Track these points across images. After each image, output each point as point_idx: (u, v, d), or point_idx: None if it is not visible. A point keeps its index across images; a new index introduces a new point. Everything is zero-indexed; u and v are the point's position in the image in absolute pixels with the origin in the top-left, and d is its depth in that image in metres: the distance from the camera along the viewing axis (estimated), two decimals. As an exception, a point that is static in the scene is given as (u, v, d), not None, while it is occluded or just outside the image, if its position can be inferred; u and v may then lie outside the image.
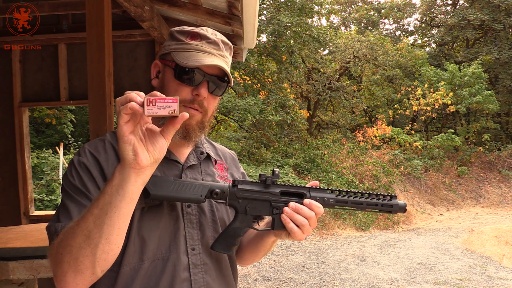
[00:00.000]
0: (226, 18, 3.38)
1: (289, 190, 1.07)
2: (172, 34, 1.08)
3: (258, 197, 1.05)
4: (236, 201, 1.04)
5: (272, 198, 1.05)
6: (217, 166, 1.20)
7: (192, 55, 1.03)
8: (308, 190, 1.07)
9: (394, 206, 1.08)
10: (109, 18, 2.37)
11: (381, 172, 12.11)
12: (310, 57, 15.45)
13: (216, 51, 1.06)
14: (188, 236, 1.04)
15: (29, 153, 4.32)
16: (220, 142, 12.23)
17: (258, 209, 1.05)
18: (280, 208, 1.04)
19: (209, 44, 1.05)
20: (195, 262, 1.03)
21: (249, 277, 5.66)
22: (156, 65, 1.11)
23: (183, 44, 1.04)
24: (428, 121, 17.22)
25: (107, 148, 1.05)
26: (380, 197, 1.09)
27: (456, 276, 5.82)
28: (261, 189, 1.06)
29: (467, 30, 17.71)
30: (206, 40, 1.05)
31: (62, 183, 1.04)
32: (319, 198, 1.06)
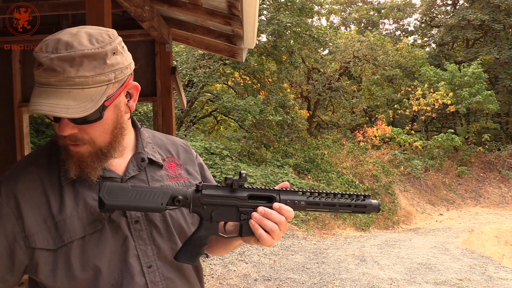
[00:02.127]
0: (226, 18, 3.38)
1: (257, 194, 1.00)
2: None
3: (224, 202, 0.98)
4: (201, 208, 0.97)
5: (239, 203, 0.99)
6: (167, 165, 1.09)
7: (33, 94, 0.85)
8: (278, 193, 1.01)
9: (368, 206, 1.04)
10: (109, 18, 2.37)
11: (381, 172, 12.12)
12: (310, 57, 15.45)
13: (54, 80, 0.83)
14: (141, 254, 0.96)
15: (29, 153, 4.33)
16: (220, 142, 12.22)
17: (225, 215, 0.98)
18: (248, 214, 0.98)
19: (45, 71, 0.83)
20: (154, 279, 0.96)
21: (249, 277, 5.66)
22: None
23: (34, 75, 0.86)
24: (428, 121, 17.23)
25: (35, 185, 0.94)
26: (354, 197, 1.04)
27: (456, 276, 5.82)
28: (227, 193, 0.99)
29: (467, 30, 17.71)
30: (42, 67, 0.83)
31: None
32: (289, 201, 1.01)
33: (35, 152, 1.01)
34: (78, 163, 0.92)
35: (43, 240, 0.91)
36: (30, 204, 0.92)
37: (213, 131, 15.25)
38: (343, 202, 1.04)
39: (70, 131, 0.88)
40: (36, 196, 0.93)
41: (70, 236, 0.91)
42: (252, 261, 6.41)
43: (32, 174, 0.94)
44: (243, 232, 0.99)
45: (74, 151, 0.91)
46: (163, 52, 4.14)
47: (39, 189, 0.93)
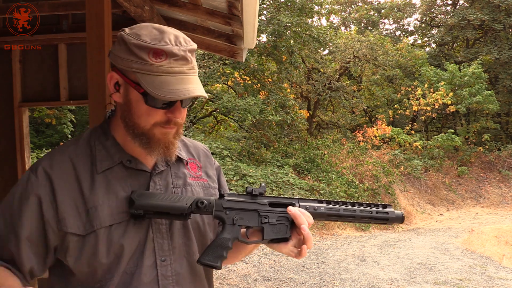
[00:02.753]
0: (226, 18, 3.38)
1: (277, 201, 1.04)
2: (129, 48, 0.92)
3: (246, 207, 1.02)
4: (223, 212, 1.01)
5: (260, 208, 1.02)
6: (189, 166, 1.13)
7: (162, 82, 0.90)
8: (298, 201, 1.04)
9: (390, 216, 1.04)
10: (109, 18, 2.37)
11: (381, 172, 12.11)
12: (310, 57, 15.45)
13: (186, 68, 0.93)
14: (157, 248, 0.99)
15: (29, 153, 4.32)
16: (220, 142, 12.22)
17: (246, 219, 1.01)
18: (269, 218, 1.01)
19: (177, 61, 0.92)
20: (165, 273, 0.99)
21: (249, 277, 5.66)
22: (113, 78, 0.98)
23: (147, 64, 0.90)
24: (428, 121, 17.22)
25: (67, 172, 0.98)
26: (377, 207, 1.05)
27: (456, 276, 5.82)
28: (248, 199, 1.03)
29: (467, 30, 17.71)
30: (173, 57, 0.91)
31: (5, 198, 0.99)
32: (309, 206, 1.03)
33: (73, 140, 1.04)
34: (165, 144, 0.98)
35: (74, 225, 0.94)
36: (64, 189, 0.95)
37: (213, 131, 15.24)
38: (364, 210, 1.04)
39: (183, 114, 0.98)
40: (69, 181, 0.96)
41: (100, 223, 0.95)
42: (252, 261, 6.41)
43: (67, 162, 0.98)
44: (265, 236, 1.02)
45: (169, 133, 0.98)
46: (163, 52, 4.13)
47: (72, 176, 0.97)
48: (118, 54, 0.95)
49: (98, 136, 1.02)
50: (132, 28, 0.95)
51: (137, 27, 0.95)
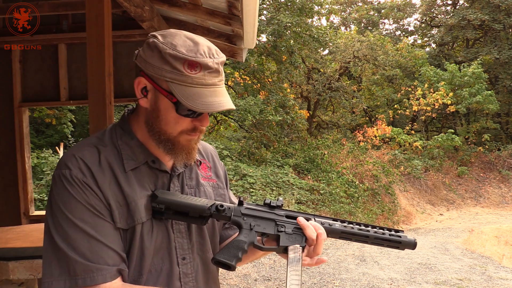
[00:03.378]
0: (226, 18, 3.38)
1: (293, 215, 1.07)
2: (163, 57, 0.92)
3: (263, 215, 1.06)
4: (241, 218, 1.04)
5: (277, 218, 1.06)
6: (201, 167, 1.16)
7: (196, 94, 0.92)
8: (313, 216, 1.08)
9: (403, 242, 1.07)
10: (109, 18, 2.37)
11: (381, 172, 12.12)
12: (310, 57, 15.45)
13: (217, 80, 0.96)
14: (178, 246, 1.03)
15: (29, 153, 4.32)
16: (220, 142, 12.21)
17: (263, 227, 1.05)
18: (286, 227, 1.05)
19: (210, 74, 0.94)
20: (186, 271, 1.03)
21: (249, 277, 5.66)
22: (141, 83, 0.98)
23: (182, 75, 0.91)
24: (428, 121, 17.22)
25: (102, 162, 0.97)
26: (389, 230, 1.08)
27: (456, 276, 5.82)
28: (266, 209, 1.07)
29: (467, 30, 17.70)
30: (207, 70, 0.93)
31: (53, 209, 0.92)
32: (324, 222, 1.08)
33: (94, 137, 1.02)
34: (188, 150, 1.01)
35: (119, 219, 0.95)
36: (104, 180, 0.94)
37: (213, 131, 15.24)
38: (378, 236, 1.07)
39: (208, 124, 1.01)
40: (107, 173, 0.96)
41: (140, 218, 0.96)
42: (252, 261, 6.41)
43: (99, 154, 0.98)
44: (281, 243, 1.04)
45: (193, 140, 1.01)
46: (163, 52, 4.13)
47: (108, 168, 0.96)
48: (149, 61, 0.94)
49: (120, 136, 1.02)
50: (165, 36, 0.95)
51: (170, 35, 0.95)
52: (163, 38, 0.94)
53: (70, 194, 0.91)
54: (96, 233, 0.90)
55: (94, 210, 0.91)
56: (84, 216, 0.90)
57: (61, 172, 0.93)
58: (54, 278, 0.87)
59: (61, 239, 0.89)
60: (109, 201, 0.93)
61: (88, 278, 0.87)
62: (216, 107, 0.93)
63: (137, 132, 1.03)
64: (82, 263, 0.87)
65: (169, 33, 0.96)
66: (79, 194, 0.91)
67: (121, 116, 1.08)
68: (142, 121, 1.02)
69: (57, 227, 0.90)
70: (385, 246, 1.07)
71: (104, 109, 2.33)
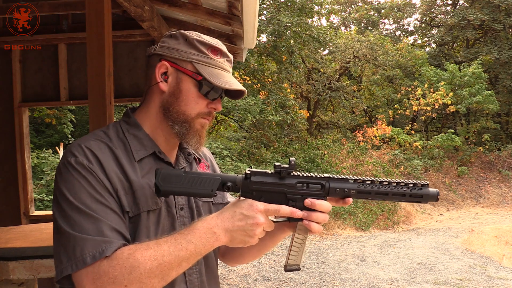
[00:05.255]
0: (226, 18, 3.38)
1: (306, 181, 1.01)
2: (191, 42, 1.03)
3: (273, 189, 1.00)
4: (250, 193, 0.99)
5: (287, 190, 1.00)
6: (200, 165, 1.19)
7: (220, 74, 1.04)
8: (327, 180, 1.01)
9: (425, 196, 1.02)
10: (109, 18, 2.37)
11: (381, 172, 12.11)
12: (310, 57, 15.45)
13: (230, 68, 1.09)
14: None
15: (29, 153, 4.32)
16: (220, 142, 12.22)
17: (273, 201, 0.99)
18: (297, 200, 1.00)
19: (228, 62, 1.08)
20: (192, 279, 1.04)
21: (249, 277, 5.66)
22: (162, 67, 1.04)
23: (207, 58, 1.03)
24: (428, 121, 17.22)
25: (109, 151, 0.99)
26: (410, 185, 1.02)
27: (456, 276, 5.82)
28: (276, 180, 1.00)
29: (467, 30, 17.70)
30: (226, 58, 1.07)
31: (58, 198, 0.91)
32: (338, 189, 1.01)
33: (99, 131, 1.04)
34: (200, 135, 1.07)
35: (127, 204, 0.95)
36: (110, 167, 0.95)
37: (213, 131, 15.24)
38: (397, 191, 1.02)
39: (221, 108, 1.09)
40: (112, 162, 0.97)
41: (146, 206, 0.97)
42: (252, 261, 6.41)
43: (105, 145, 0.99)
44: (291, 218, 1.01)
45: (206, 124, 1.08)
46: (163, 52, 4.13)
47: (113, 158, 0.98)
48: (174, 46, 1.03)
49: (127, 129, 1.05)
50: (187, 30, 1.08)
51: (189, 30, 1.08)
52: (187, 31, 1.06)
53: (74, 179, 0.91)
54: (101, 216, 0.88)
55: (99, 195, 0.90)
56: (88, 201, 0.89)
57: (66, 160, 0.93)
58: (64, 266, 0.85)
59: (66, 224, 0.87)
60: (116, 187, 0.93)
61: (97, 252, 0.84)
62: (235, 85, 1.03)
63: (144, 124, 1.06)
64: (88, 239, 0.85)
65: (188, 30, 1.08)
66: (83, 179, 0.91)
67: (123, 113, 1.11)
68: (153, 110, 1.06)
69: (62, 214, 0.88)
70: (405, 201, 1.03)
71: (104, 109, 2.33)
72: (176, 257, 0.86)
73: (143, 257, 0.84)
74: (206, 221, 0.91)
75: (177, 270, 0.88)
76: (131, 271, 0.83)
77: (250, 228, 0.92)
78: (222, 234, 0.91)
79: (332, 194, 1.01)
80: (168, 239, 0.88)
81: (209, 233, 0.90)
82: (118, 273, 0.83)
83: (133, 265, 0.83)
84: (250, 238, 0.93)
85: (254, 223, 0.92)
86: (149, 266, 0.83)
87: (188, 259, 0.88)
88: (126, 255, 0.84)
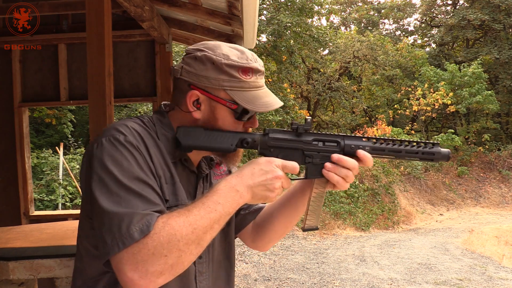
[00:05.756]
0: (226, 18, 3.38)
1: (322, 138, 1.04)
2: (219, 67, 0.96)
3: (290, 145, 1.02)
4: (268, 150, 1.01)
5: (304, 146, 1.02)
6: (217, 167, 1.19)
7: (254, 96, 0.99)
8: (342, 138, 1.04)
9: (436, 154, 1.05)
10: (109, 18, 2.37)
11: (381, 172, 12.11)
12: (310, 57, 15.45)
13: (264, 81, 1.04)
14: None
15: (29, 153, 4.32)
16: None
17: (290, 158, 1.00)
18: (313, 157, 1.02)
19: (260, 76, 1.02)
20: (201, 270, 1.04)
21: (249, 277, 5.66)
22: (193, 96, 0.99)
23: (239, 82, 0.97)
24: (428, 121, 17.21)
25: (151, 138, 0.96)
26: (421, 144, 1.04)
27: (456, 276, 5.82)
28: (293, 137, 1.02)
29: (467, 30, 17.70)
30: (257, 73, 1.01)
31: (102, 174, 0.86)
32: (353, 145, 1.03)
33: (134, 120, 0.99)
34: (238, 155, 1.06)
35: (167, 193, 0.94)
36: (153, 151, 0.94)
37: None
38: (410, 149, 1.04)
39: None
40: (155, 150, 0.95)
41: (183, 199, 0.97)
42: (252, 261, 6.41)
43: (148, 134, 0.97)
44: (309, 174, 1.03)
45: None
46: (163, 52, 4.14)
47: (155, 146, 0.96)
48: (203, 74, 0.97)
49: (159, 128, 1.01)
50: (212, 49, 0.98)
51: (215, 47, 0.99)
52: (212, 51, 0.98)
53: (122, 156, 0.87)
54: (147, 195, 0.85)
55: (146, 176, 0.88)
56: (136, 179, 0.86)
57: (112, 135, 0.89)
58: (109, 247, 0.80)
59: (110, 201, 0.83)
60: (159, 174, 0.92)
61: (144, 225, 0.80)
62: (272, 105, 1.00)
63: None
64: (135, 214, 0.81)
65: (213, 45, 1.00)
66: (132, 157, 0.87)
67: (158, 109, 1.07)
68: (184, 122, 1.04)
69: (105, 191, 0.84)
70: (417, 159, 1.05)
71: (104, 109, 2.33)
72: (208, 219, 0.85)
73: (177, 224, 0.82)
74: (227, 181, 0.91)
75: (211, 233, 0.86)
76: (169, 239, 0.80)
77: (270, 182, 0.93)
78: (245, 191, 0.91)
79: (347, 151, 1.03)
80: (196, 204, 0.87)
81: (232, 192, 0.90)
82: (156, 243, 0.79)
83: (170, 232, 0.81)
84: (271, 193, 0.94)
85: (274, 177, 0.93)
86: (185, 232, 0.82)
87: (218, 221, 0.87)
88: (161, 224, 0.81)
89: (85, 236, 0.96)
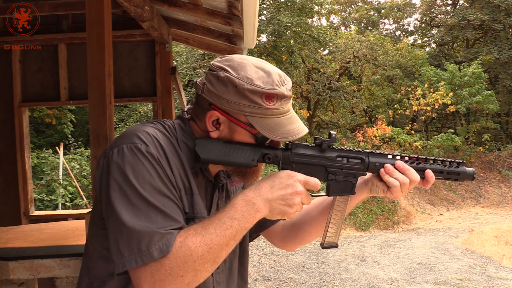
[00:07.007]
0: (226, 18, 3.38)
1: (346, 155, 1.01)
2: (241, 92, 0.92)
3: (313, 161, 0.98)
4: (290, 166, 0.97)
5: (327, 163, 0.99)
6: None
7: (276, 124, 0.94)
8: (367, 155, 1.01)
9: (462, 174, 1.03)
10: (109, 18, 2.37)
11: (381, 172, 12.10)
12: (310, 57, 15.45)
13: (290, 105, 0.99)
14: None
15: (29, 153, 4.32)
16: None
17: (313, 174, 0.97)
18: (336, 174, 1.00)
19: (285, 101, 0.96)
20: (218, 280, 1.04)
21: (249, 277, 5.66)
22: (213, 116, 0.96)
23: (261, 108, 0.92)
24: (428, 121, 17.21)
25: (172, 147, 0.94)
26: (446, 163, 1.03)
27: (456, 276, 5.82)
28: (317, 153, 0.99)
29: (467, 30, 17.70)
30: (283, 99, 0.95)
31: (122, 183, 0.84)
32: (378, 164, 1.01)
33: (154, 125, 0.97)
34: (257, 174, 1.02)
35: (186, 205, 0.93)
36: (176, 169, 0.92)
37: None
38: (435, 168, 1.03)
39: None
40: (176, 160, 0.93)
41: (200, 212, 0.95)
42: (252, 261, 6.41)
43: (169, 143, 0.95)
44: (330, 192, 1.01)
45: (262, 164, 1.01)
46: (163, 52, 4.14)
47: (176, 156, 0.94)
48: (224, 96, 0.93)
49: (180, 135, 0.99)
50: (236, 69, 0.94)
51: (240, 67, 0.94)
52: (236, 72, 0.93)
53: (144, 167, 0.85)
54: (169, 211, 0.85)
55: (167, 190, 0.87)
56: (157, 193, 0.85)
57: (134, 144, 0.87)
58: (125, 259, 0.81)
59: (129, 214, 0.82)
60: (179, 186, 0.91)
61: (164, 245, 0.80)
62: (295, 134, 0.95)
63: None
64: (156, 233, 0.81)
65: (238, 64, 0.95)
66: (154, 170, 0.86)
67: (179, 115, 1.05)
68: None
69: (126, 202, 0.83)
70: (443, 178, 1.04)
71: (104, 109, 2.33)
72: (224, 237, 0.84)
73: (194, 244, 0.82)
74: (244, 194, 0.89)
75: (226, 250, 0.86)
76: (186, 260, 0.81)
77: (290, 197, 0.90)
78: (262, 204, 0.88)
79: (372, 169, 1.02)
80: (212, 220, 0.86)
81: (249, 205, 0.87)
82: (173, 264, 0.81)
83: (186, 253, 0.81)
84: (290, 208, 0.90)
85: (294, 191, 0.90)
86: (201, 252, 0.82)
87: (234, 237, 0.86)
88: (178, 244, 0.82)
89: (95, 235, 0.96)
